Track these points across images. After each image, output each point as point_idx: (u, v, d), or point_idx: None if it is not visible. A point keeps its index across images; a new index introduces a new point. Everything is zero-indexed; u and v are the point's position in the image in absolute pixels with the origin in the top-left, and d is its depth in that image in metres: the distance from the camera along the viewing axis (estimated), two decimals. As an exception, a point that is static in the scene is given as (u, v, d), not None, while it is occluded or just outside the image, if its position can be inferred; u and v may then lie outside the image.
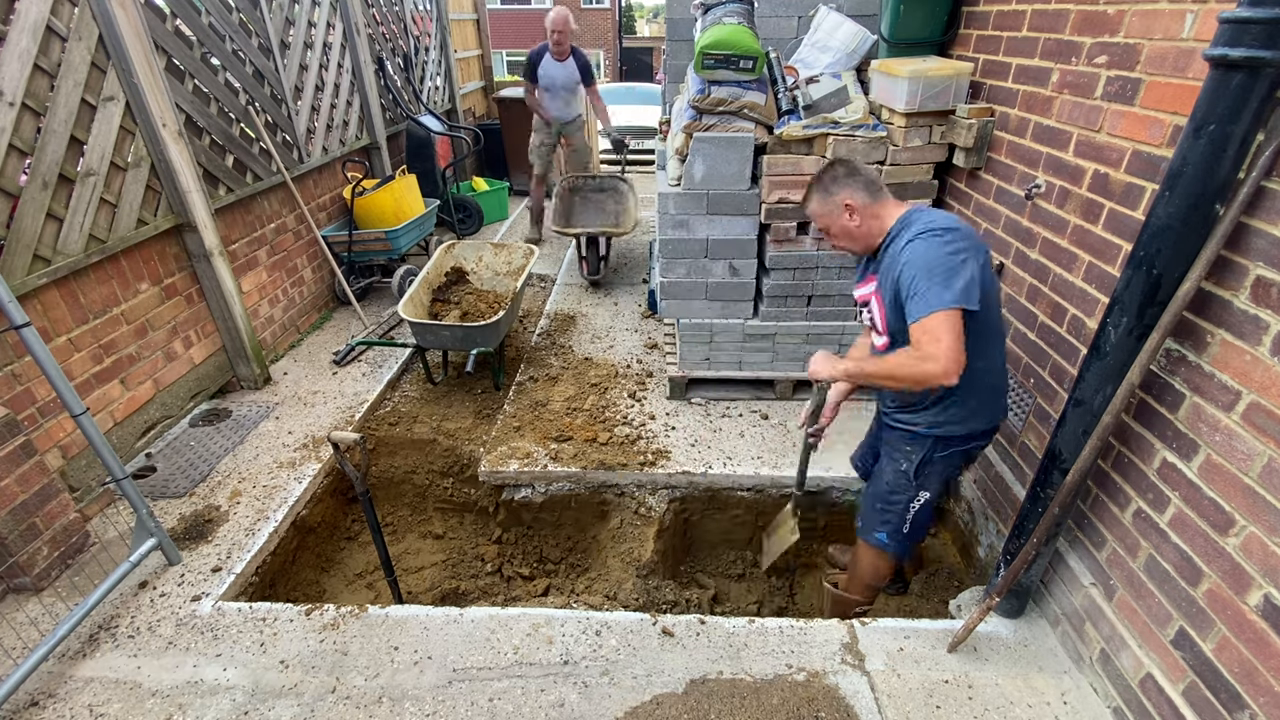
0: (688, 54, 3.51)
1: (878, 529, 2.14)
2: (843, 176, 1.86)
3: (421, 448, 3.39)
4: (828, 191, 1.87)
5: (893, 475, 2.08)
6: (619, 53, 27.34)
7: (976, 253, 1.71)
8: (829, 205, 1.87)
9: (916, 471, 2.02)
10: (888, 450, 2.12)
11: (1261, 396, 1.45)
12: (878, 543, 2.15)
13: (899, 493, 2.07)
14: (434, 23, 6.83)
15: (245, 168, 3.70)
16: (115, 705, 1.94)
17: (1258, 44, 1.30)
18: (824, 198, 1.88)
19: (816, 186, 1.90)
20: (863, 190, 1.84)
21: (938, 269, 1.65)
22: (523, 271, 3.98)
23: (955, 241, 1.69)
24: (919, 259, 1.69)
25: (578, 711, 1.92)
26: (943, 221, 1.76)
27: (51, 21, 2.49)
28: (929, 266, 1.66)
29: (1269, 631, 1.43)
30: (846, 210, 1.85)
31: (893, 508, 2.09)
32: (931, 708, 1.92)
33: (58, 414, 2.56)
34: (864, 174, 1.87)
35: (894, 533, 2.11)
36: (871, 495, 2.17)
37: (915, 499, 2.06)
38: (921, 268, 1.67)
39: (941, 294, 1.63)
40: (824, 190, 1.88)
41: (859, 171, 1.87)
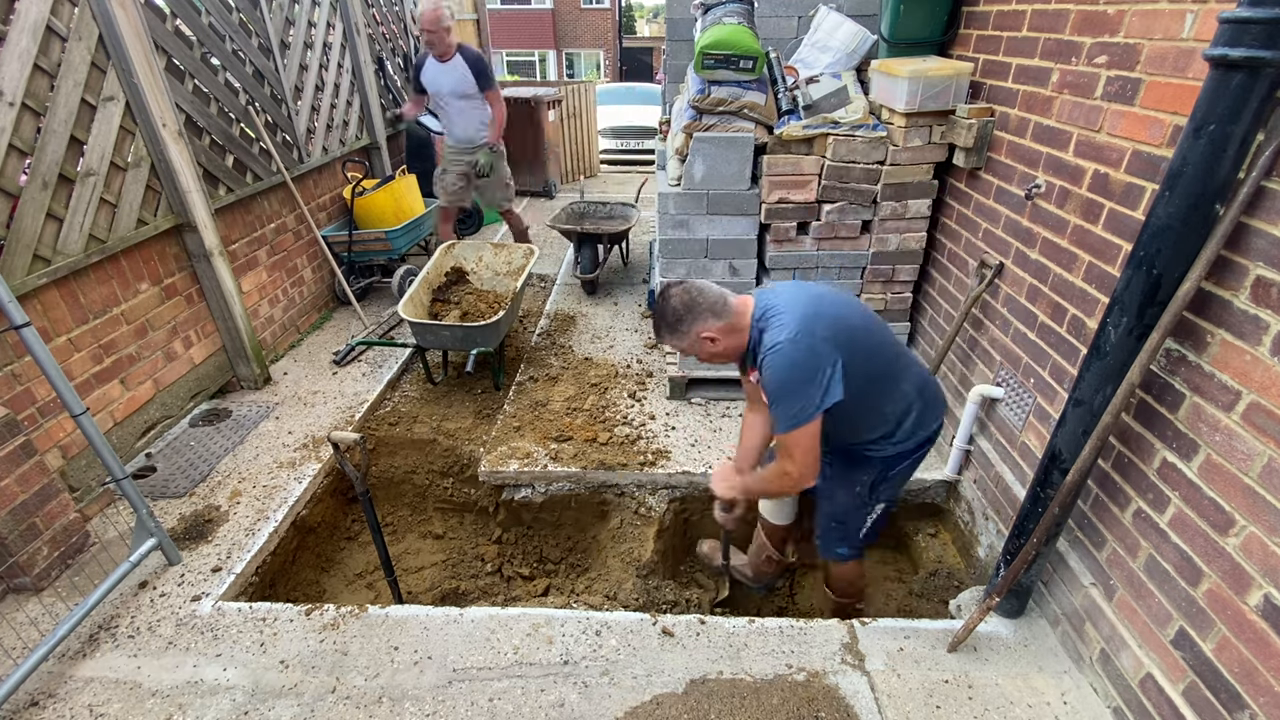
0: (688, 54, 3.51)
1: (838, 546, 2.23)
2: (684, 312, 1.81)
3: (421, 448, 3.39)
4: (676, 331, 1.83)
5: (848, 499, 2.13)
6: (619, 53, 27.36)
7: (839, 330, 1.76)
8: (688, 341, 1.85)
9: (872, 489, 2.09)
10: (839, 474, 2.13)
11: (1261, 396, 1.45)
12: (840, 558, 2.24)
13: (856, 510, 2.14)
14: (434, 23, 6.81)
15: (245, 168, 3.70)
16: (115, 705, 1.94)
17: (1258, 44, 1.30)
18: (677, 338, 1.85)
19: (664, 327, 1.86)
20: (711, 316, 1.81)
21: (789, 387, 1.73)
22: (523, 271, 3.98)
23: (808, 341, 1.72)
24: (773, 380, 1.75)
25: (578, 711, 1.92)
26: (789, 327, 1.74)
27: (51, 21, 2.49)
28: (781, 386, 1.74)
29: (1269, 631, 1.43)
30: (708, 341, 1.84)
31: (850, 524, 2.17)
32: (931, 708, 1.92)
33: (58, 414, 2.56)
34: (705, 299, 1.81)
35: (853, 544, 2.21)
36: (826, 516, 2.21)
37: (873, 511, 2.14)
38: (776, 388, 1.75)
39: (791, 413, 1.73)
40: (673, 330, 1.84)
41: (698, 300, 1.81)
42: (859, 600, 2.45)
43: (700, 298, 1.82)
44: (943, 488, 2.91)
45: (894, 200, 2.92)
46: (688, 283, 1.86)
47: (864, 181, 2.89)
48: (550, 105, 7.40)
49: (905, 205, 2.94)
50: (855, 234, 3.05)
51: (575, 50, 27.51)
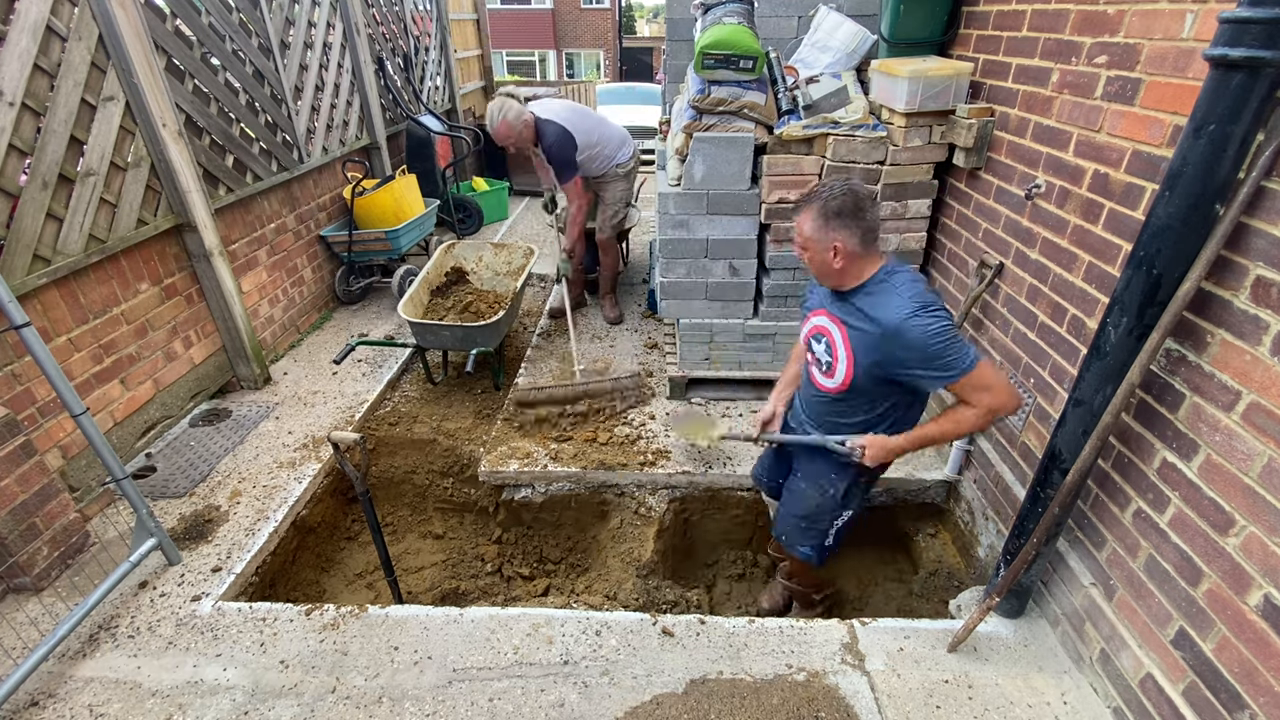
0: (688, 54, 3.51)
1: (802, 544, 2.22)
2: (848, 213, 1.74)
3: (421, 448, 3.39)
4: (825, 221, 1.76)
5: (819, 499, 2.14)
6: (619, 53, 27.35)
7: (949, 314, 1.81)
8: (819, 235, 1.78)
9: (843, 496, 2.11)
10: (812, 476, 2.15)
11: (1261, 396, 1.45)
12: (804, 556, 2.23)
13: (825, 514, 2.15)
14: (434, 23, 6.82)
15: (245, 168, 3.70)
16: (115, 705, 1.94)
17: (1258, 44, 1.30)
18: (819, 225, 1.77)
19: (817, 208, 1.77)
20: (859, 238, 1.76)
21: (947, 341, 1.73)
22: (523, 271, 3.98)
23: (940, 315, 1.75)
24: (929, 340, 1.72)
25: (578, 711, 1.92)
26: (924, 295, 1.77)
27: (51, 21, 2.49)
28: (938, 344, 1.73)
29: (1269, 631, 1.43)
30: (833, 250, 1.77)
31: (817, 526, 2.17)
32: (931, 708, 1.92)
33: (58, 414, 2.56)
34: (868, 219, 1.75)
35: (818, 547, 2.20)
36: (793, 515, 2.22)
37: (840, 517, 2.15)
38: (934, 347, 1.73)
39: (961, 358, 1.73)
40: (822, 218, 1.76)
41: (864, 215, 1.75)
42: (818, 592, 2.49)
43: (867, 214, 1.75)
44: (943, 488, 2.91)
45: (894, 200, 2.92)
46: (868, 192, 1.78)
47: (864, 181, 2.89)
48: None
49: (905, 205, 2.94)
50: (855, 234, 3.04)
51: (575, 50, 27.51)
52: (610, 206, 4.08)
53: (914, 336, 1.73)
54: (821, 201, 1.76)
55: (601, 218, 4.12)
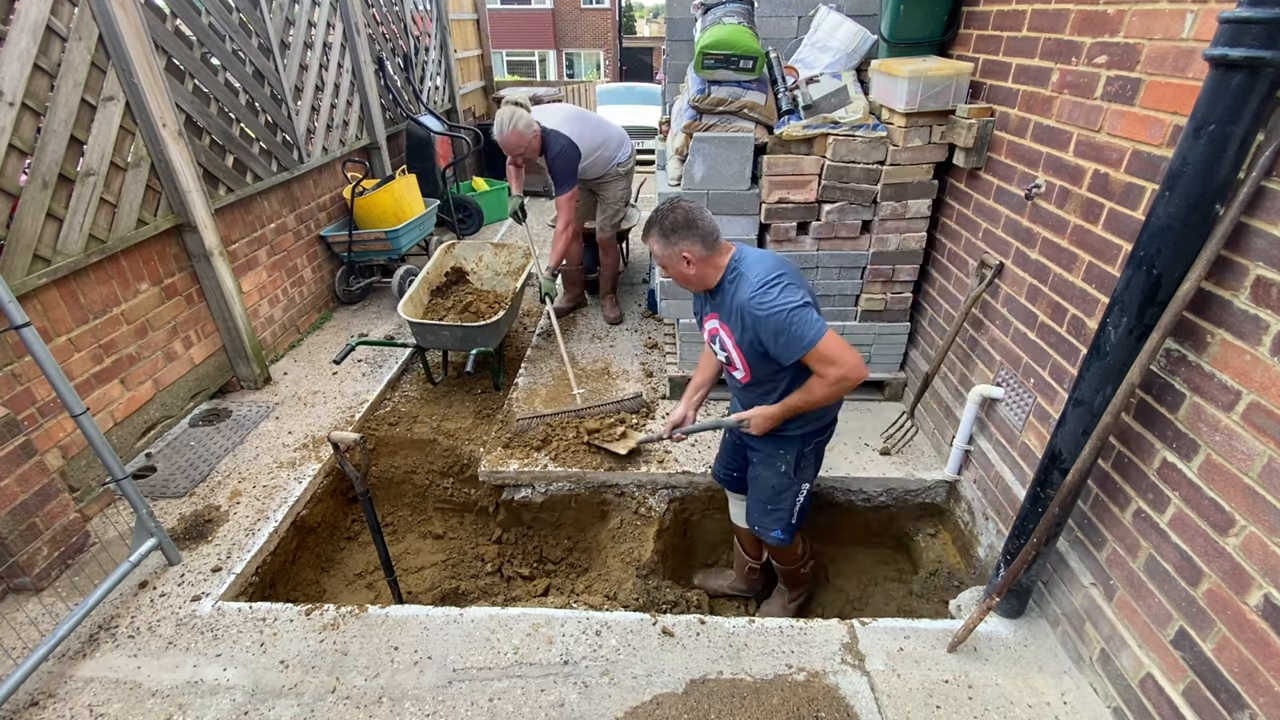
0: (688, 54, 3.51)
1: (772, 528, 2.35)
2: (682, 226, 1.91)
3: (421, 448, 3.39)
4: (667, 238, 1.93)
5: (775, 479, 2.26)
6: (619, 53, 27.35)
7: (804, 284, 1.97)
8: (668, 251, 1.95)
9: (796, 469, 2.23)
10: (762, 459, 2.27)
11: (1261, 396, 1.45)
12: (777, 540, 2.37)
13: (785, 492, 2.27)
14: (434, 23, 6.82)
15: (245, 168, 3.70)
16: (115, 705, 1.94)
17: (1258, 44, 1.30)
18: (664, 242, 1.95)
19: (656, 229, 1.95)
20: (699, 243, 1.92)
21: (792, 314, 1.86)
22: (523, 271, 3.98)
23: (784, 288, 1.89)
24: (777, 308, 1.86)
25: (578, 711, 1.92)
26: (769, 270, 1.91)
27: (51, 21, 2.49)
28: (783, 317, 1.86)
29: (1269, 631, 1.43)
30: (684, 260, 1.94)
31: (781, 506, 2.30)
32: (931, 708, 1.92)
33: (58, 414, 2.56)
34: (702, 226, 1.92)
35: (786, 526, 2.33)
36: (758, 501, 2.35)
37: (799, 492, 2.28)
38: (781, 316, 1.86)
39: (806, 332, 1.87)
40: (664, 237, 1.94)
41: (697, 223, 1.91)
42: (803, 565, 2.63)
43: (699, 222, 1.92)
44: (943, 488, 2.91)
45: (894, 200, 2.92)
46: (696, 205, 1.94)
47: (864, 181, 2.89)
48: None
49: (905, 205, 2.94)
50: (855, 234, 3.05)
51: (575, 50, 27.50)
52: (610, 206, 4.08)
53: (760, 314, 1.88)
54: (659, 223, 1.95)
55: (602, 217, 4.12)
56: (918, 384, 3.08)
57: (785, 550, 2.51)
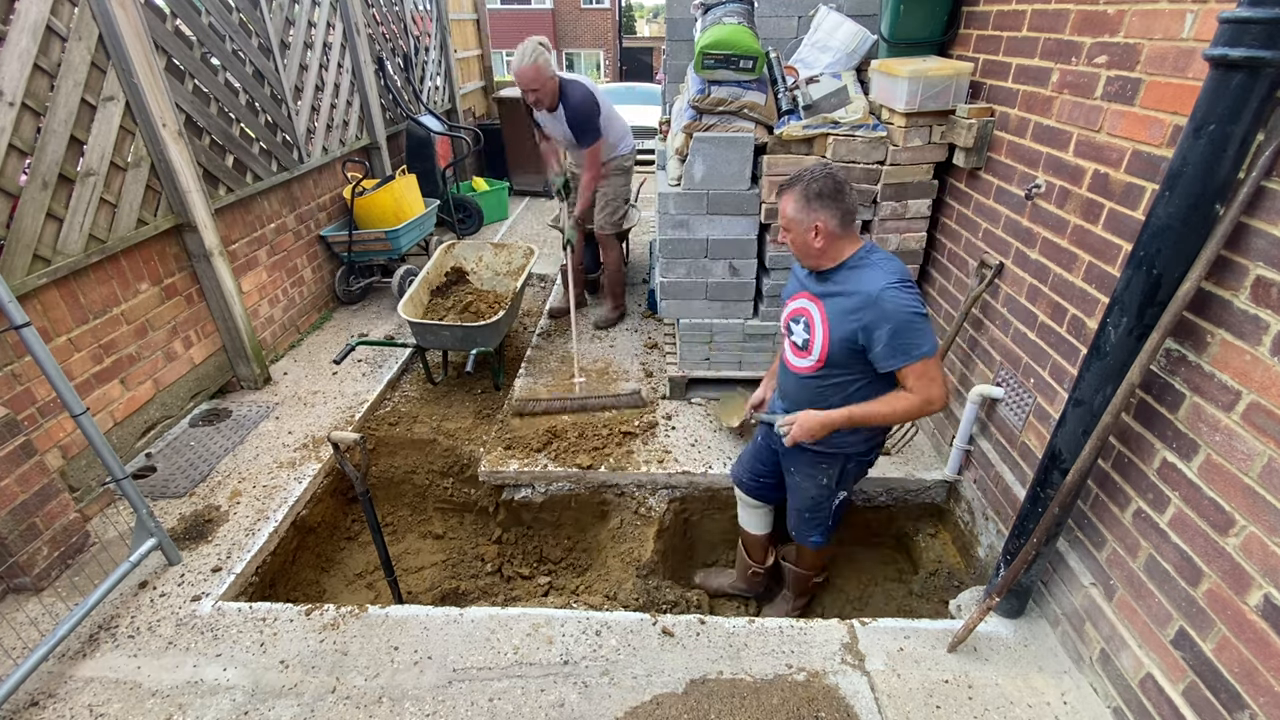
0: (688, 54, 3.51)
1: (812, 534, 2.37)
2: (828, 195, 1.82)
3: (421, 448, 3.39)
4: (807, 202, 1.84)
5: (815, 490, 2.25)
6: (619, 53, 27.35)
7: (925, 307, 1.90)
8: (801, 216, 1.86)
9: (837, 484, 2.22)
10: (802, 470, 2.25)
11: (1261, 396, 1.45)
12: (816, 544, 2.40)
13: (825, 501, 2.27)
14: (434, 23, 6.82)
15: (245, 168, 3.70)
16: (115, 705, 1.94)
17: (1258, 44, 1.30)
18: (801, 206, 1.85)
19: (799, 189, 1.85)
20: (838, 219, 1.84)
21: (918, 322, 1.82)
22: (523, 271, 3.98)
23: (918, 296, 1.86)
24: (903, 313, 1.81)
25: (578, 711, 1.92)
26: (905, 272, 1.87)
27: (51, 21, 2.49)
28: (911, 320, 1.81)
29: (1269, 631, 1.43)
30: (814, 230, 1.85)
31: (820, 514, 2.31)
32: (931, 708, 1.92)
33: (58, 414, 2.56)
34: (847, 201, 1.84)
35: (824, 531, 2.36)
36: (797, 509, 2.36)
37: (837, 500, 2.28)
38: (905, 321, 1.81)
39: (923, 343, 1.82)
40: (804, 199, 1.84)
41: (844, 197, 1.83)
42: (816, 575, 2.66)
43: (848, 197, 1.84)
44: (943, 488, 2.91)
45: (894, 200, 2.92)
46: (845, 178, 1.85)
47: (864, 181, 2.89)
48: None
49: (905, 205, 2.94)
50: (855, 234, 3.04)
51: (575, 50, 27.50)
52: (610, 203, 4.03)
53: (890, 306, 1.80)
54: (804, 184, 1.84)
55: (600, 215, 4.07)
56: (918, 384, 3.07)
57: (815, 555, 2.52)
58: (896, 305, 1.80)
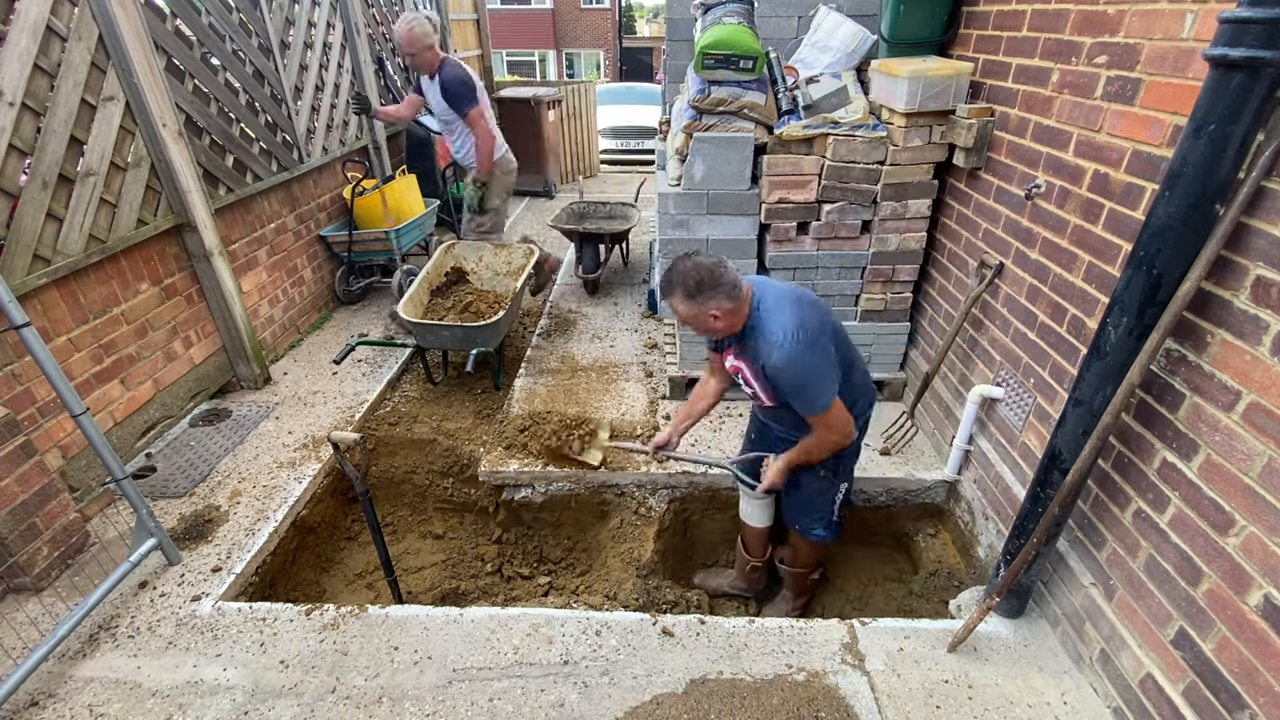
0: (688, 54, 3.51)
1: (814, 527, 2.44)
2: (707, 284, 1.88)
3: (421, 448, 3.39)
4: (692, 298, 1.91)
5: (815, 481, 2.33)
6: (619, 53, 27.35)
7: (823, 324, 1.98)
8: (695, 310, 1.93)
9: (835, 472, 2.31)
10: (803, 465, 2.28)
11: (1261, 396, 1.45)
12: (818, 538, 2.46)
13: (825, 493, 2.36)
14: (434, 23, 6.81)
15: (245, 168, 3.70)
16: (115, 705, 1.94)
17: (1258, 44, 1.30)
18: (690, 304, 1.92)
19: (679, 291, 1.92)
20: (725, 296, 1.90)
21: (809, 383, 1.95)
22: (523, 271, 3.98)
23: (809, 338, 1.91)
24: (792, 376, 1.93)
25: (578, 711, 1.92)
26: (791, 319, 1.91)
27: (51, 21, 2.49)
28: (801, 379, 1.94)
29: (1269, 631, 1.43)
30: (713, 316, 1.93)
31: (821, 506, 2.39)
32: (931, 708, 1.92)
33: (58, 414, 2.56)
34: (726, 279, 1.89)
35: (828, 524, 2.43)
36: (798, 502, 2.44)
37: (838, 490, 2.36)
38: (797, 383, 1.95)
39: (819, 398, 1.96)
40: (689, 296, 1.91)
41: (721, 278, 1.89)
42: (813, 572, 2.70)
43: (724, 276, 1.90)
44: (943, 488, 2.91)
45: (894, 200, 2.92)
46: (714, 257, 1.93)
47: (864, 181, 2.89)
48: (550, 105, 7.40)
49: (905, 205, 2.94)
50: (855, 234, 3.05)
51: (575, 50, 27.50)
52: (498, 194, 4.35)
53: (781, 381, 1.97)
54: (682, 285, 1.91)
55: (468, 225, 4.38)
56: (918, 384, 3.08)
57: (810, 552, 2.56)
58: (783, 379, 1.95)
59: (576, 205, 5.18)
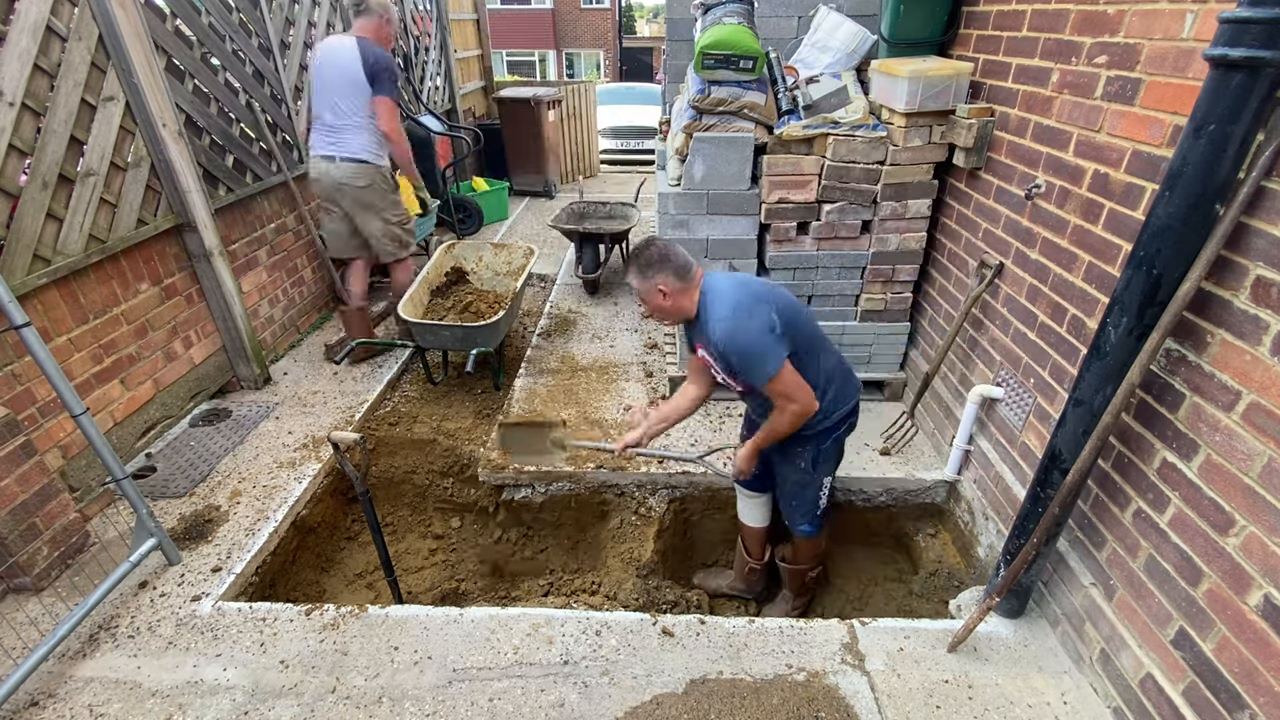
0: (688, 54, 3.51)
1: (800, 523, 2.46)
2: (656, 261, 2.02)
3: (421, 448, 3.39)
4: (643, 273, 2.04)
5: (795, 474, 2.35)
6: (619, 53, 27.35)
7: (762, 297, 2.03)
8: (645, 285, 2.05)
9: (814, 466, 2.31)
10: (781, 459, 2.37)
11: (1261, 396, 1.45)
12: (805, 534, 2.49)
13: (806, 488, 2.37)
14: (434, 23, 6.82)
15: (245, 168, 3.70)
16: (115, 705, 1.94)
17: (1258, 44, 1.30)
18: (641, 278, 2.05)
19: (634, 266, 2.06)
20: (673, 275, 2.02)
21: (752, 347, 1.98)
22: (523, 271, 3.98)
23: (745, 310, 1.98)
24: (732, 346, 1.98)
25: (578, 711, 1.92)
26: (731, 297, 2.01)
27: (51, 21, 2.49)
28: (747, 345, 1.98)
29: (1269, 631, 1.43)
30: (660, 293, 2.04)
31: (805, 502, 2.40)
32: (931, 708, 1.92)
33: (58, 414, 2.56)
34: (675, 260, 2.03)
35: (813, 519, 2.44)
36: (785, 498, 2.47)
37: (821, 486, 2.36)
38: (741, 350, 1.98)
39: (764, 366, 1.98)
40: (640, 272, 2.05)
41: (670, 257, 2.02)
42: (811, 569, 2.69)
43: (672, 256, 2.04)
44: (943, 488, 2.91)
45: (894, 200, 2.92)
46: (669, 242, 2.08)
47: (864, 181, 2.89)
48: (550, 105, 7.39)
49: (905, 205, 2.94)
50: (855, 234, 3.05)
51: (575, 50, 27.50)
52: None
53: (724, 346, 2.00)
54: (637, 263, 2.06)
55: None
56: (918, 384, 3.08)
57: (807, 546, 2.57)
58: (726, 344, 1.99)
59: (576, 205, 5.18)
